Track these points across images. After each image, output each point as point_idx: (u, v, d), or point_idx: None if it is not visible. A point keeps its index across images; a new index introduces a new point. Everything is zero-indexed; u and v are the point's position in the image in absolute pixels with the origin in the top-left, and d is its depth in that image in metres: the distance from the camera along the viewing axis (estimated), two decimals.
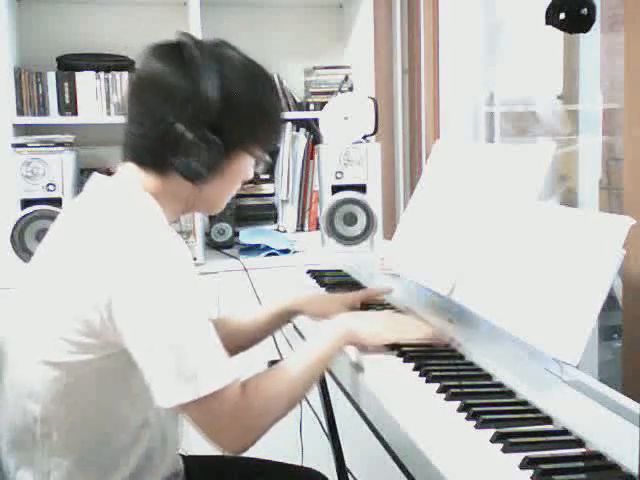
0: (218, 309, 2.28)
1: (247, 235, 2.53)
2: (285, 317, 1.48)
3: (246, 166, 1.16)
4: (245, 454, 1.41)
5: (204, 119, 1.05)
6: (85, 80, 2.45)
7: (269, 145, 1.18)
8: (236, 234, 2.56)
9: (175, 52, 1.08)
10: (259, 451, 1.41)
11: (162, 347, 0.97)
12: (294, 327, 1.62)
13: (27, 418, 1.07)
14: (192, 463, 1.31)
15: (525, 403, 1.03)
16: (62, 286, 1.04)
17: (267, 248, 2.41)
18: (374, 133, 2.44)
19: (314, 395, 1.85)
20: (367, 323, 1.26)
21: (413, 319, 1.34)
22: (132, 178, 1.11)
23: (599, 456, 0.87)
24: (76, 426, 1.07)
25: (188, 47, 1.07)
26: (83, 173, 2.38)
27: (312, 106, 2.73)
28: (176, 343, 0.98)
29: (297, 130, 2.77)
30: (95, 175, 1.16)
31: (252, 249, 2.43)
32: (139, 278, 0.98)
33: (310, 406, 1.95)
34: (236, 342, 1.41)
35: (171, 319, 0.98)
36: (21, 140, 2.22)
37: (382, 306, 1.53)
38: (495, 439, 0.90)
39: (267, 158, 1.20)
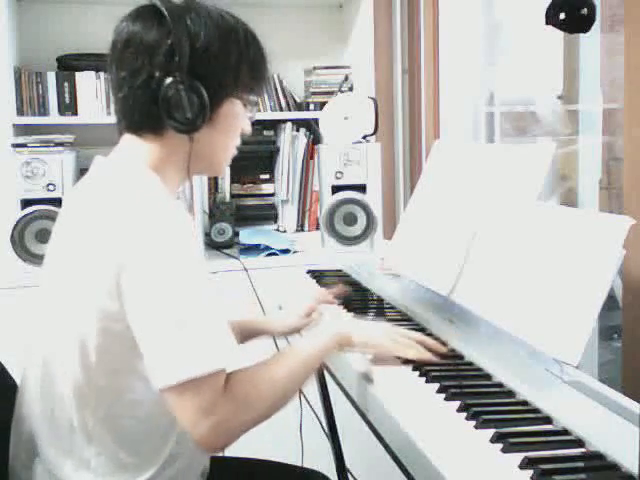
0: None
1: (247, 235, 2.53)
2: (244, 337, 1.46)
3: (236, 113, 1.16)
4: (245, 454, 1.41)
5: (187, 69, 1.07)
6: (85, 80, 2.45)
7: (255, 87, 1.19)
8: (236, 234, 2.56)
9: (149, 12, 1.11)
10: (259, 451, 1.42)
11: (166, 326, 0.96)
12: None
13: (64, 406, 1.07)
14: None
15: (525, 403, 1.03)
16: (78, 278, 1.04)
17: (267, 248, 2.41)
18: (374, 133, 2.44)
19: (314, 395, 1.85)
20: (361, 329, 1.23)
21: (412, 334, 1.24)
22: (132, 152, 1.12)
23: (599, 456, 0.87)
24: (110, 412, 1.07)
25: (160, 6, 1.09)
26: (83, 173, 2.37)
27: (312, 106, 2.73)
28: (177, 321, 0.96)
29: (297, 130, 2.77)
30: (97, 158, 1.17)
31: (252, 249, 2.43)
32: (145, 258, 0.98)
33: (310, 406, 1.95)
34: None
35: (174, 298, 0.97)
36: (21, 140, 2.21)
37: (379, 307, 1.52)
38: (495, 439, 0.90)
39: (256, 102, 1.21)
